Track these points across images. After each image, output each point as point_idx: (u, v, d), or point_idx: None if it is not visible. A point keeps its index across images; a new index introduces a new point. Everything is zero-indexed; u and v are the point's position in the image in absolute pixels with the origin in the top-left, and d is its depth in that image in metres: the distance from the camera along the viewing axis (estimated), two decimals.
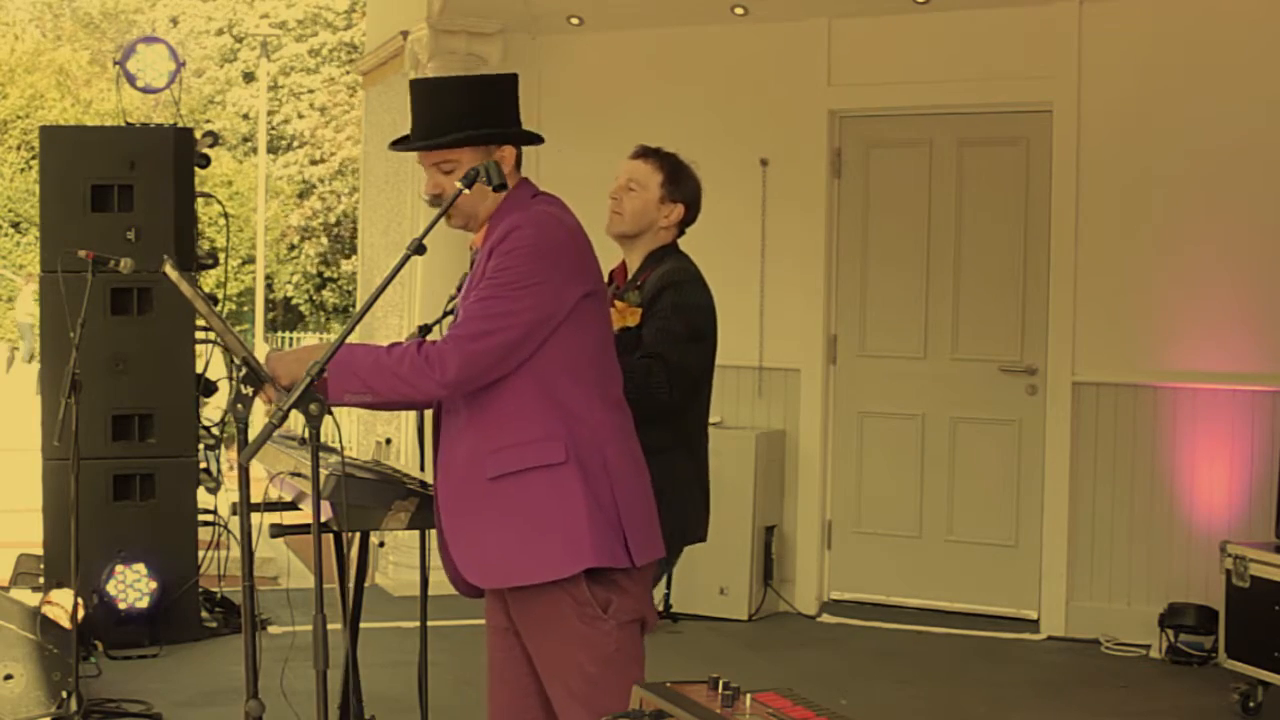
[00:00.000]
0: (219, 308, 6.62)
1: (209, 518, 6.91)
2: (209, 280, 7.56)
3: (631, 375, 3.74)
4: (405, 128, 3.33)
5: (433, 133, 3.22)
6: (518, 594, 3.16)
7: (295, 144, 30.42)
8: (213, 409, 7.23)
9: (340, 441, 3.42)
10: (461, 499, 3.15)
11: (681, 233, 4.07)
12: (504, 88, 3.29)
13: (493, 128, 3.22)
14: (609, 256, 4.14)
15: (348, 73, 29.07)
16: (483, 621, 3.42)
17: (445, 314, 4.12)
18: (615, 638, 3.12)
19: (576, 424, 3.11)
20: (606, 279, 4.12)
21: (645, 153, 4.08)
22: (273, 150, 29.43)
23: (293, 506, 3.68)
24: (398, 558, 7.69)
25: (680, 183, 4.03)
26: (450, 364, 3.02)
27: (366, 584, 3.83)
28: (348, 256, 27.95)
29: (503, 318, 3.05)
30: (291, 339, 25.66)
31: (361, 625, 3.81)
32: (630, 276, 3.98)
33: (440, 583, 3.36)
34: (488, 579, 3.15)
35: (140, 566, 6.42)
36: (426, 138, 3.22)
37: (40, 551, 6.66)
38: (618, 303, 3.90)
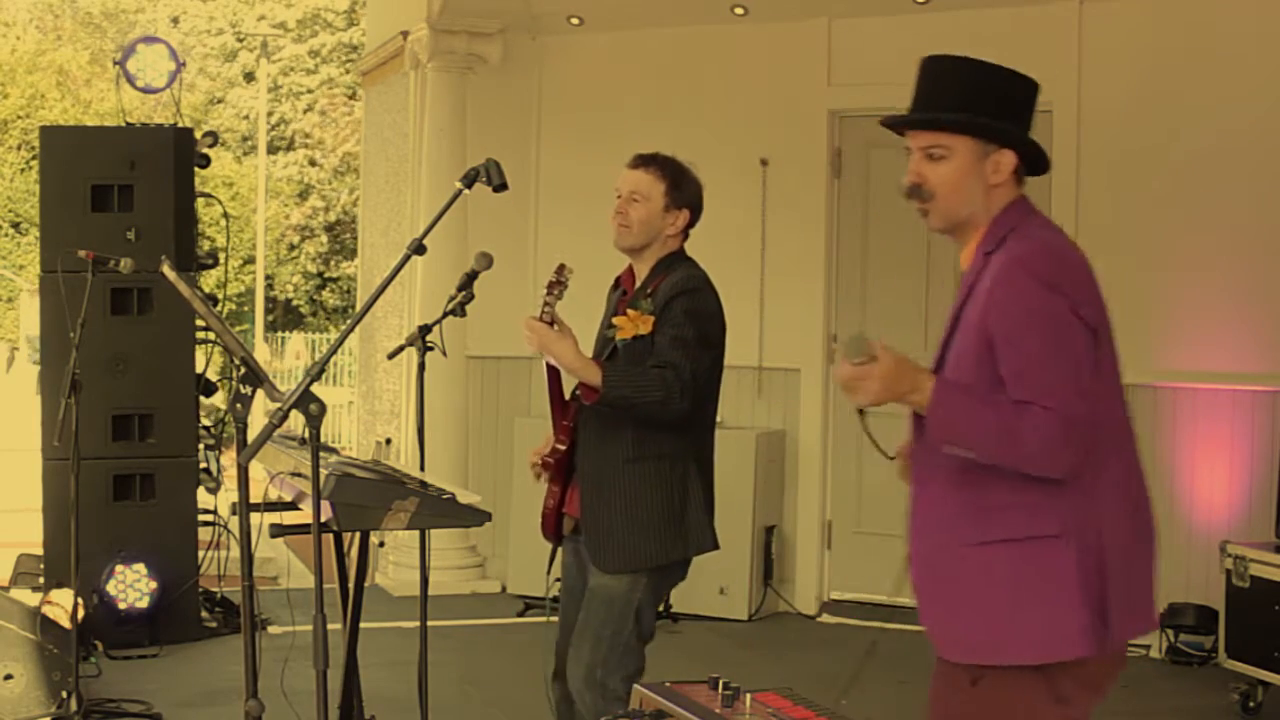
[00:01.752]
0: (219, 308, 6.62)
1: (209, 518, 6.91)
2: (209, 280, 7.55)
3: (645, 384, 3.74)
4: (404, 128, 3.32)
5: (930, 109, 2.83)
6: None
7: (295, 144, 30.42)
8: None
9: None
10: (938, 556, 2.79)
11: (686, 235, 4.07)
12: (1026, 88, 2.86)
13: (1001, 121, 2.80)
14: (616, 265, 4.15)
15: (347, 73, 29.07)
16: (483, 622, 3.42)
17: (446, 314, 4.13)
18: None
19: (1078, 491, 2.68)
20: (613, 285, 4.12)
21: (645, 161, 4.03)
22: (273, 150, 29.42)
23: (293, 506, 3.68)
24: (398, 558, 7.69)
25: (683, 189, 4.01)
26: (1069, 451, 2.61)
27: (366, 584, 3.83)
28: (349, 259, 27.95)
29: (1076, 383, 2.66)
30: (289, 338, 25.66)
31: (361, 625, 3.81)
32: (639, 284, 3.98)
33: (440, 583, 3.35)
34: (954, 650, 2.78)
35: (140, 566, 6.42)
36: (919, 112, 2.84)
37: (40, 551, 6.66)
38: (630, 311, 3.91)
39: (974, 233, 2.84)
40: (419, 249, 3.36)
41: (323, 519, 3.15)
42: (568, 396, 4.00)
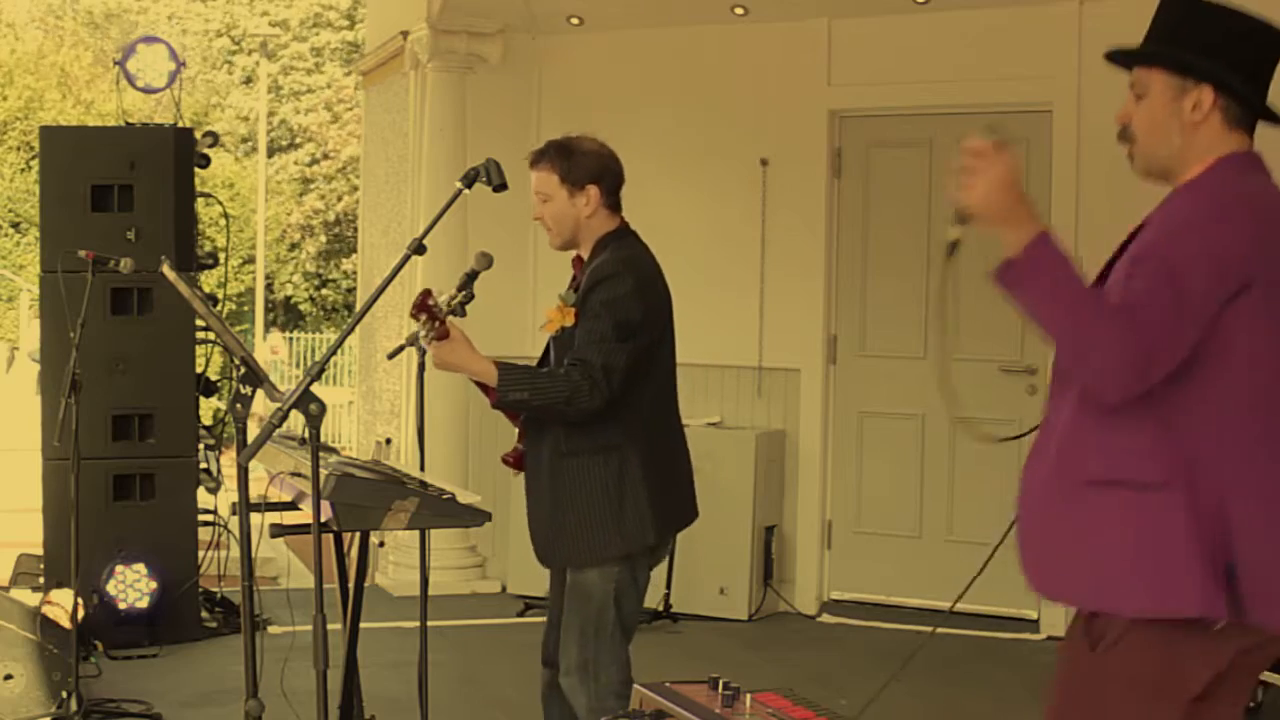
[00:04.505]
0: (219, 308, 6.63)
1: (209, 518, 6.91)
2: (209, 280, 7.56)
3: (545, 385, 3.71)
4: (404, 128, 3.33)
5: (1146, 44, 2.72)
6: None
7: (297, 142, 30.43)
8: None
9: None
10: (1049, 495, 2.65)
11: (617, 204, 3.96)
12: (1254, 31, 2.64)
13: (1202, 57, 2.62)
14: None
15: (349, 73, 29.08)
16: (483, 621, 3.41)
17: (447, 313, 4.12)
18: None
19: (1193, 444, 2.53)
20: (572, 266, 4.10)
21: (536, 159, 3.94)
22: (274, 150, 29.42)
23: (293, 506, 3.68)
24: (398, 558, 7.69)
25: (576, 166, 3.90)
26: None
27: (366, 584, 3.83)
28: (348, 255, 27.95)
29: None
30: (291, 338, 25.67)
31: (361, 625, 3.82)
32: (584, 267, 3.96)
33: (440, 583, 3.36)
34: (1047, 589, 2.66)
35: (140, 566, 6.42)
36: (1134, 49, 2.72)
37: (40, 551, 6.66)
38: (558, 300, 3.89)
39: (1177, 181, 2.70)
40: (419, 249, 3.36)
41: (323, 519, 3.16)
42: None
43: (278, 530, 3.53)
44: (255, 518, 3.54)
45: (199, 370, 6.87)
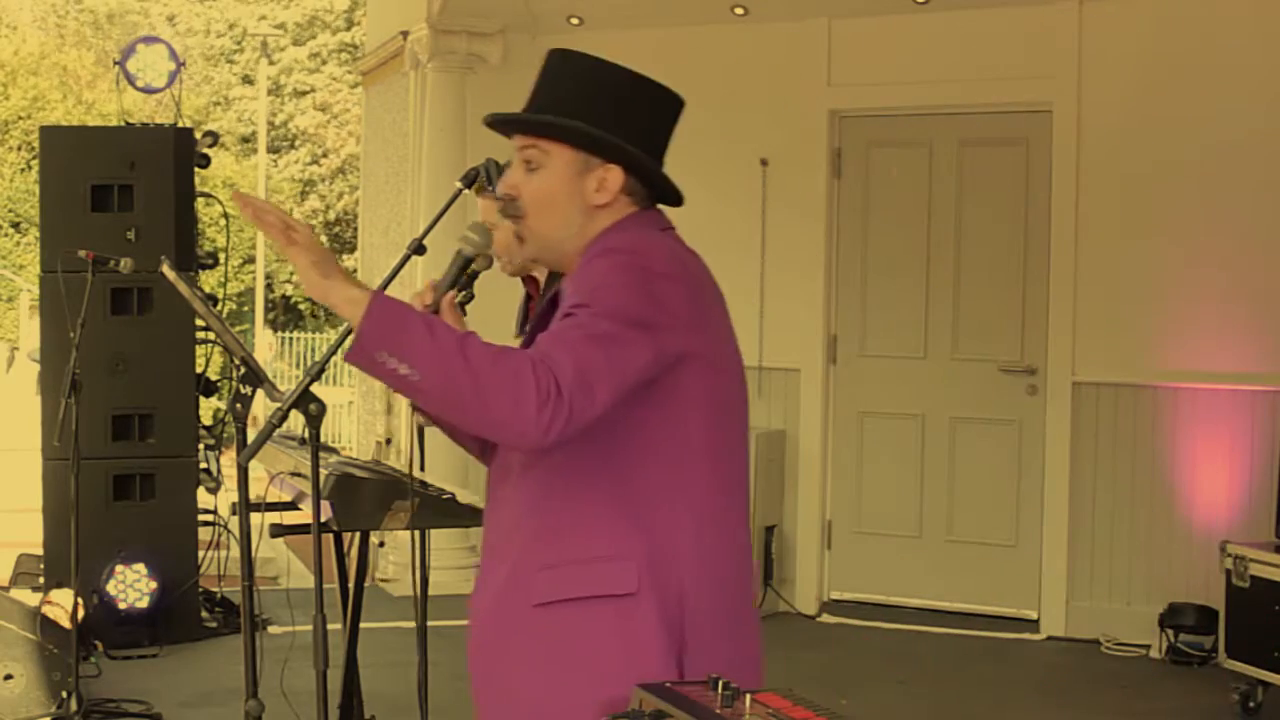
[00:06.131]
0: (219, 308, 6.62)
1: (209, 518, 6.91)
2: (209, 280, 7.56)
3: None
4: (404, 128, 3.31)
5: (536, 110, 2.44)
6: None
7: (298, 142, 30.44)
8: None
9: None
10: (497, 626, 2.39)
11: None
12: (654, 100, 2.41)
13: (612, 134, 2.34)
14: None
15: (349, 72, 29.09)
16: None
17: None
18: None
19: (652, 536, 2.29)
20: (522, 284, 4.08)
21: (481, 188, 3.80)
22: (274, 150, 29.43)
23: (293, 506, 3.68)
24: (398, 558, 7.69)
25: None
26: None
27: (366, 584, 3.83)
28: (349, 255, 27.92)
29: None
30: (291, 338, 25.66)
31: (361, 625, 3.82)
32: (542, 291, 3.96)
33: (440, 583, 3.36)
34: None
35: (140, 566, 6.43)
36: (527, 112, 2.45)
37: (40, 551, 6.67)
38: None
39: (570, 266, 2.38)
40: (419, 249, 3.35)
41: (323, 519, 3.16)
42: None
43: (278, 530, 3.53)
44: (255, 518, 3.54)
45: (199, 370, 6.87)
